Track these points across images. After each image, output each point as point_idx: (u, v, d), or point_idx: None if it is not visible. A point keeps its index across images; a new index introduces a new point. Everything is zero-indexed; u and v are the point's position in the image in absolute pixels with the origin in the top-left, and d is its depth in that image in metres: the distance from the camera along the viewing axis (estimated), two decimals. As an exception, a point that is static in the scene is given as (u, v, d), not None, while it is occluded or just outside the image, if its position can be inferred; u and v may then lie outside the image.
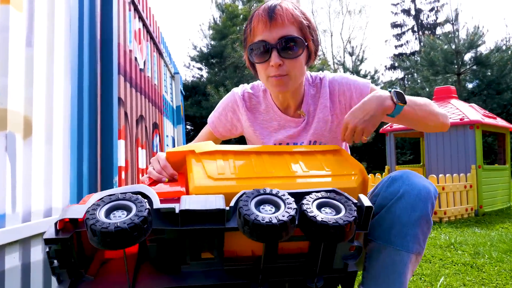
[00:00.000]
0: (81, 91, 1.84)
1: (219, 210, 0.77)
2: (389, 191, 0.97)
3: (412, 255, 0.93)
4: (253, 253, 0.94)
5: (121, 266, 0.92)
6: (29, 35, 1.41)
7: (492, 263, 2.24)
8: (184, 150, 1.00)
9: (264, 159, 0.98)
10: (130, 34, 2.98)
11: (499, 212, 4.73)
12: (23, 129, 1.34)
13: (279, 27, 1.06)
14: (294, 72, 1.10)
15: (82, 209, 0.77)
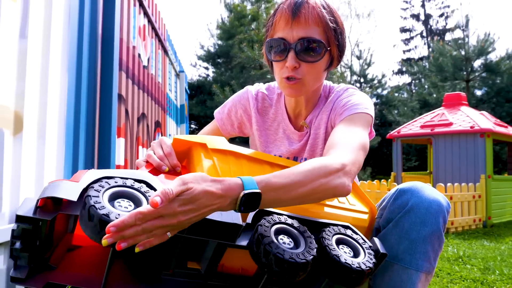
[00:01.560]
0: (79, 86, 1.77)
1: (236, 225, 0.68)
2: (396, 204, 0.89)
3: (422, 274, 0.86)
4: (242, 271, 0.87)
5: (89, 258, 0.80)
6: (23, 26, 1.34)
7: (503, 280, 2.14)
8: (194, 141, 0.87)
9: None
10: (134, 30, 2.91)
11: (508, 224, 4.60)
12: (13, 124, 1.27)
13: (301, 27, 0.95)
14: (308, 78, 0.99)
15: (76, 188, 0.65)
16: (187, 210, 0.61)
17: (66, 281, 0.73)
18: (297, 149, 1.14)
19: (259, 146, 1.18)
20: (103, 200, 0.62)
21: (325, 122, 1.09)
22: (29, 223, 0.65)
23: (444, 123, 4.86)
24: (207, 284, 0.82)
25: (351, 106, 1.02)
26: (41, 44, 1.46)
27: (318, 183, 0.73)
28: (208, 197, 0.63)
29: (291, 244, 0.72)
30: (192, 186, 0.63)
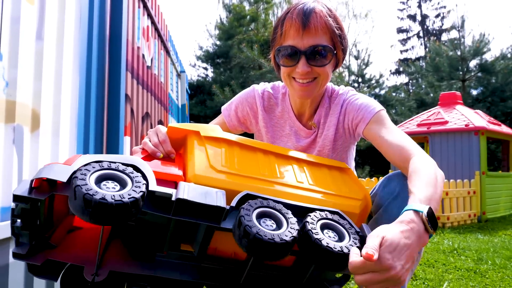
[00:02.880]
0: (89, 86, 1.84)
1: (219, 208, 0.71)
2: (385, 190, 0.97)
3: None
4: (235, 255, 0.89)
5: (88, 238, 0.83)
6: (40, 28, 1.42)
7: (495, 269, 2.23)
8: (188, 128, 0.91)
9: (271, 160, 0.93)
10: (139, 31, 2.99)
11: (502, 219, 4.70)
12: (31, 122, 1.35)
13: (311, 36, 1.04)
14: (320, 79, 1.09)
15: (67, 170, 0.68)
16: (395, 258, 0.67)
17: (65, 259, 0.76)
18: (304, 145, 1.22)
19: (266, 141, 1.26)
20: (89, 182, 0.65)
21: (335, 124, 1.18)
22: (26, 202, 0.68)
23: (440, 122, 4.96)
24: (199, 266, 0.84)
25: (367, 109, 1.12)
26: (55, 46, 1.53)
27: (442, 182, 0.90)
28: (404, 235, 0.70)
29: (273, 226, 0.72)
30: (384, 234, 0.70)
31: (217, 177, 0.80)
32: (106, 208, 0.61)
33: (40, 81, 1.40)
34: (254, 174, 0.84)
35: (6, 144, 1.19)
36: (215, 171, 0.81)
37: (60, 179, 0.66)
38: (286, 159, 0.95)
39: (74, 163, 0.70)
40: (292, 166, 0.94)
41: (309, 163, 0.97)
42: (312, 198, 0.85)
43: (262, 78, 10.50)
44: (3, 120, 1.18)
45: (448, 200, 4.09)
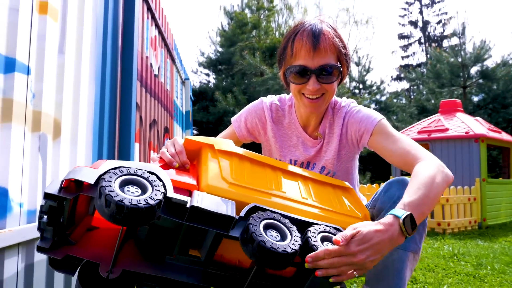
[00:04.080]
0: (103, 96, 1.93)
1: (229, 217, 0.76)
2: (386, 195, 1.05)
3: (410, 253, 1.01)
4: (239, 263, 0.94)
5: (104, 238, 0.89)
6: (62, 43, 1.51)
7: (494, 274, 2.29)
8: (203, 142, 0.96)
9: (278, 175, 0.98)
10: (147, 41, 3.09)
11: (503, 225, 4.76)
12: (53, 130, 1.43)
13: (321, 56, 1.13)
14: (328, 95, 1.19)
15: (94, 174, 0.74)
16: (363, 249, 0.79)
17: (82, 255, 0.82)
18: (311, 155, 1.30)
19: (274, 150, 1.34)
20: (113, 185, 0.71)
21: (338, 135, 1.27)
22: (54, 200, 0.74)
23: (441, 129, 5.04)
24: (205, 271, 0.90)
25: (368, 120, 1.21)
26: (74, 59, 1.62)
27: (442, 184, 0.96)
28: (377, 234, 0.82)
29: (277, 237, 0.77)
30: (360, 229, 0.81)
31: (228, 188, 0.85)
32: (123, 210, 0.67)
33: (61, 93, 1.49)
34: (262, 188, 0.90)
35: (33, 151, 1.28)
36: (226, 183, 0.86)
37: (88, 180, 0.72)
38: (293, 175, 1.01)
39: (101, 167, 0.76)
40: (298, 182, 1.00)
41: (314, 181, 1.03)
42: (315, 214, 0.91)
43: (264, 85, 10.59)
44: (30, 129, 1.27)
45: (449, 207, 4.15)
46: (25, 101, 1.23)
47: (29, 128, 1.26)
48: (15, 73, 1.17)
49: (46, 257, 1.37)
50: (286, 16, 20.75)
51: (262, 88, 10.50)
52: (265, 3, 13.44)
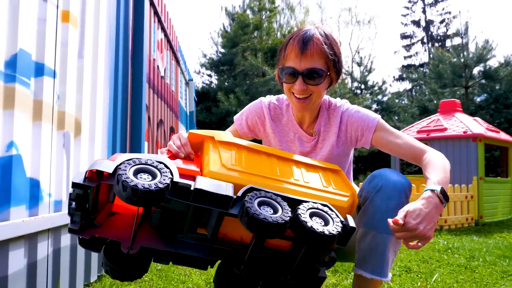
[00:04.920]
0: (116, 97, 2.07)
1: (228, 197, 0.87)
2: (370, 185, 1.18)
3: (392, 236, 1.12)
4: (241, 239, 1.06)
5: (123, 221, 1.02)
6: (81, 48, 1.65)
7: (485, 265, 2.41)
8: (205, 134, 1.07)
9: (272, 161, 1.09)
10: (154, 44, 3.22)
11: (500, 223, 4.86)
12: (74, 129, 1.57)
13: (308, 60, 1.24)
14: (314, 96, 1.30)
15: (112, 164, 0.86)
16: (419, 222, 0.98)
17: (106, 235, 0.95)
18: (307, 150, 1.43)
19: (274, 145, 1.47)
20: (128, 173, 0.83)
21: (336, 133, 1.39)
22: (80, 188, 0.85)
23: (439, 128, 5.15)
24: (212, 246, 1.02)
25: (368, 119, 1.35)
26: (91, 63, 1.76)
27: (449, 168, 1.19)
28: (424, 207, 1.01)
29: (270, 212, 0.88)
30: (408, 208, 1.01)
31: (228, 173, 0.96)
32: (137, 193, 0.79)
33: (81, 94, 1.63)
34: (257, 172, 1.01)
35: (58, 148, 1.42)
36: (226, 169, 0.97)
37: (107, 170, 0.84)
38: (286, 161, 1.12)
39: (117, 159, 0.89)
40: (291, 167, 1.10)
41: (305, 165, 1.14)
42: (306, 193, 1.02)
43: (266, 85, 10.71)
44: (56, 127, 1.40)
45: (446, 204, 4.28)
46: (52, 102, 1.37)
47: (55, 126, 1.40)
48: (44, 77, 1.31)
49: (70, 244, 1.51)
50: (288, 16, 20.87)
51: (264, 89, 10.62)
52: (267, 4, 13.55)
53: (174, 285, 1.83)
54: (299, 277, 1.06)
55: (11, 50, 1.13)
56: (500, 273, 2.24)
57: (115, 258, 0.98)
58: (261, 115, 1.49)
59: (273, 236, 0.87)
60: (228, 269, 1.08)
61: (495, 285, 2.01)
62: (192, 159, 1.05)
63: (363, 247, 1.18)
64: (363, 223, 1.18)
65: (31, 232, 1.18)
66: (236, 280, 1.07)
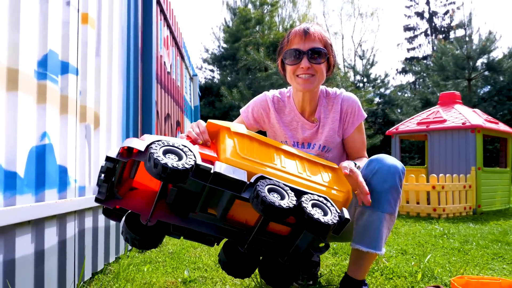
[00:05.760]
0: (129, 93, 2.21)
1: (242, 182, 0.98)
2: (368, 169, 1.31)
3: (386, 214, 1.27)
4: (246, 222, 1.19)
5: (141, 196, 1.13)
6: (98, 47, 1.78)
7: (478, 249, 2.54)
8: (222, 125, 1.16)
9: (280, 154, 1.20)
10: (161, 41, 3.35)
11: (497, 212, 4.98)
12: (94, 121, 1.71)
13: (310, 41, 1.41)
14: (319, 75, 1.45)
15: (144, 144, 0.94)
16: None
17: (127, 207, 1.05)
18: (308, 136, 1.57)
19: (279, 134, 1.60)
20: (159, 152, 0.91)
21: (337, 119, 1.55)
22: (112, 162, 0.94)
23: (439, 120, 5.26)
24: (220, 226, 1.12)
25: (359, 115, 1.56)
26: (107, 61, 1.90)
27: None
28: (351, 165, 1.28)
29: (278, 198, 0.98)
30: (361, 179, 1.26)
31: (241, 161, 1.05)
32: (167, 170, 0.87)
33: (99, 90, 1.77)
34: (267, 163, 1.13)
35: (81, 138, 1.56)
36: (240, 157, 1.06)
37: (140, 148, 0.93)
38: (291, 155, 1.24)
39: (147, 139, 0.99)
40: (295, 161, 1.22)
41: (308, 161, 1.26)
42: (308, 185, 1.14)
43: (269, 79, 10.82)
44: (79, 120, 1.55)
45: (444, 193, 4.40)
46: (75, 97, 1.51)
47: (79, 119, 1.54)
48: (68, 74, 1.45)
49: (92, 227, 1.66)
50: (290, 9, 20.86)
51: (266, 83, 10.73)
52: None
53: (186, 265, 1.99)
54: (295, 259, 1.19)
55: (42, 51, 1.27)
56: (491, 255, 2.37)
57: (135, 228, 1.11)
58: (266, 107, 1.62)
59: (278, 219, 0.98)
60: (233, 247, 1.21)
61: (485, 265, 2.14)
62: (208, 146, 1.14)
63: (360, 225, 1.31)
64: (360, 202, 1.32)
65: (61, 212, 1.33)
66: (239, 257, 1.20)
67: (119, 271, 1.77)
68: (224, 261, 1.20)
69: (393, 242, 2.78)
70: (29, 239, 1.18)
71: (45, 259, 1.26)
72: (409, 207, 4.62)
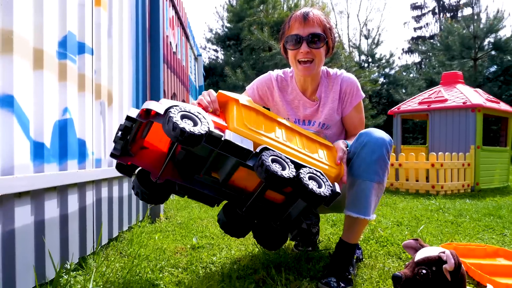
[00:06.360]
0: (138, 72, 2.31)
1: (249, 150, 1.09)
2: (357, 142, 1.42)
3: (374, 183, 1.38)
4: (245, 188, 1.30)
5: (151, 156, 1.20)
6: (110, 28, 1.88)
7: (470, 221, 2.67)
8: (232, 96, 1.22)
9: (282, 129, 1.30)
10: (167, 21, 3.43)
11: (495, 189, 5.10)
12: (107, 99, 1.83)
13: (310, 26, 1.49)
14: (317, 59, 1.54)
15: (163, 107, 0.99)
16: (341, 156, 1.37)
17: (138, 164, 1.13)
18: (309, 114, 1.67)
19: (282, 111, 1.71)
20: (177, 116, 0.97)
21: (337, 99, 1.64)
22: (133, 122, 1.01)
23: (440, 100, 5.32)
24: (221, 189, 1.21)
25: (357, 95, 1.64)
26: (118, 41, 1.99)
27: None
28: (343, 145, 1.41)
29: (280, 168, 1.08)
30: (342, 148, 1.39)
31: (248, 132, 1.13)
32: (184, 134, 0.94)
33: (111, 69, 1.87)
34: (270, 136, 1.22)
35: (96, 114, 1.68)
36: (246, 128, 1.14)
37: (159, 111, 0.99)
38: (292, 131, 1.33)
39: (164, 103, 1.03)
40: (295, 137, 1.32)
41: (307, 138, 1.36)
42: (306, 160, 1.25)
43: (272, 59, 10.80)
44: (95, 97, 1.66)
45: (443, 171, 4.52)
46: (91, 76, 1.62)
47: (94, 96, 1.65)
48: (85, 54, 1.55)
49: (107, 196, 1.80)
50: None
51: (270, 63, 10.72)
52: (273, -23, 13.41)
53: (194, 234, 2.14)
54: (286, 225, 1.31)
55: (62, 32, 1.38)
56: (483, 227, 2.51)
57: (145, 184, 1.22)
58: (270, 86, 1.72)
59: (278, 187, 1.08)
60: (232, 209, 1.32)
61: (476, 235, 2.27)
62: (217, 115, 1.20)
63: (351, 193, 1.43)
64: (351, 173, 1.42)
65: (81, 181, 1.46)
66: (237, 218, 1.32)
67: (132, 238, 1.92)
68: (224, 221, 1.31)
69: (390, 215, 2.92)
70: (55, 204, 1.32)
71: (69, 223, 1.40)
72: (408, 184, 4.75)
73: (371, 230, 2.29)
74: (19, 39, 1.10)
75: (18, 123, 1.09)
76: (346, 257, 1.43)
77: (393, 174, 4.99)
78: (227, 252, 1.80)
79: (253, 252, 1.79)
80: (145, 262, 1.57)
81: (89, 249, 1.58)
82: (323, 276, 1.38)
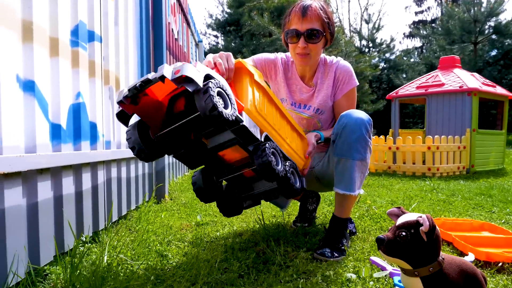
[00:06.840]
0: (142, 59, 2.40)
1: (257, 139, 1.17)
2: (339, 124, 1.52)
3: (357, 161, 1.48)
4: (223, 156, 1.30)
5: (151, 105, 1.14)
6: (116, 16, 1.96)
7: (462, 200, 2.79)
8: (248, 69, 1.21)
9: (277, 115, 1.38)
10: (168, 8, 3.49)
11: (490, 171, 5.22)
12: (115, 84, 1.93)
13: (307, 22, 1.57)
14: (313, 53, 1.63)
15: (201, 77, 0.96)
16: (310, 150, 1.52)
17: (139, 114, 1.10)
18: (304, 98, 1.77)
19: (282, 92, 1.80)
20: (214, 94, 0.96)
21: (331, 85, 1.73)
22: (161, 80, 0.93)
23: (437, 84, 5.39)
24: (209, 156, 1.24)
25: (349, 83, 1.72)
26: (123, 29, 2.08)
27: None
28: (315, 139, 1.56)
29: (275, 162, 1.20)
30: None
31: (257, 118, 1.19)
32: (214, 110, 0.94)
33: (118, 56, 1.97)
34: (270, 122, 1.30)
35: (105, 99, 1.78)
36: (256, 113, 1.18)
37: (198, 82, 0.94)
38: (283, 117, 1.42)
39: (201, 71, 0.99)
40: (285, 124, 1.41)
41: (291, 126, 1.46)
42: (288, 150, 1.38)
43: (273, 45, 10.82)
44: (103, 83, 1.76)
45: (439, 154, 4.63)
46: (100, 62, 1.72)
47: (103, 82, 1.75)
48: (94, 42, 1.65)
49: (116, 177, 1.91)
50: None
51: (271, 48, 10.75)
52: (273, -39, 13.29)
53: (198, 212, 2.27)
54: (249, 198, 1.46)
55: (74, 21, 1.47)
56: (473, 205, 2.63)
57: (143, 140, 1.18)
58: (276, 64, 1.79)
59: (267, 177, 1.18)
60: (209, 175, 1.37)
61: (465, 212, 2.40)
62: (229, 83, 1.19)
63: (337, 172, 1.53)
64: (335, 153, 1.52)
65: (94, 161, 1.58)
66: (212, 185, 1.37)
67: (140, 216, 2.05)
68: (200, 186, 1.34)
69: (386, 195, 3.04)
70: (71, 181, 1.43)
71: (83, 199, 1.52)
72: (405, 167, 4.87)
73: (366, 207, 2.41)
74: (38, 28, 1.20)
75: (39, 106, 1.20)
76: (339, 230, 1.55)
77: (390, 157, 5.11)
78: (229, 228, 1.93)
79: (254, 228, 1.91)
80: (154, 236, 1.69)
81: (101, 225, 1.70)
82: (319, 248, 1.50)
